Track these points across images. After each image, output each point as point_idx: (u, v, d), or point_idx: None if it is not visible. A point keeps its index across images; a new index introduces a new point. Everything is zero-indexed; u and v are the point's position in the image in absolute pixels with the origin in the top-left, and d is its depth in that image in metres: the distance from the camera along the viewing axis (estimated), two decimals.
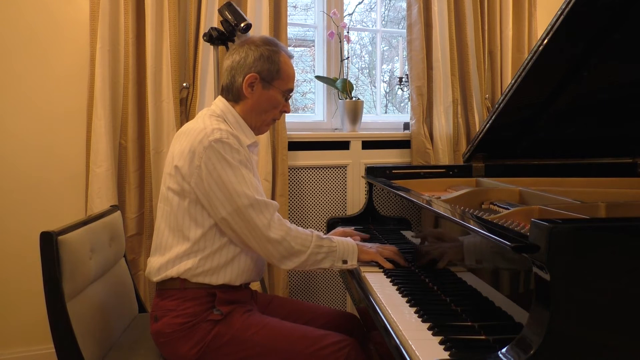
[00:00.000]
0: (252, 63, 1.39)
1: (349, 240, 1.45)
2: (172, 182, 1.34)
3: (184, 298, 1.33)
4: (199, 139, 1.29)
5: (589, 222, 0.97)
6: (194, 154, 1.29)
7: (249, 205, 1.28)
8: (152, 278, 1.38)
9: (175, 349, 1.32)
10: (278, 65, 1.40)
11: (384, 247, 1.51)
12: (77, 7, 2.17)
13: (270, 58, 1.39)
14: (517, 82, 1.65)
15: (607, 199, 1.37)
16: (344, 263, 1.41)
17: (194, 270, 1.33)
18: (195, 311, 1.32)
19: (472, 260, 1.16)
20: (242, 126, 1.43)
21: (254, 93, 1.41)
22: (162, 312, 1.34)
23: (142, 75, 2.17)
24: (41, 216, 2.16)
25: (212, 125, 1.33)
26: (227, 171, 1.28)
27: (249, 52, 1.39)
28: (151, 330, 1.37)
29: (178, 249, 1.34)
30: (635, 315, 0.82)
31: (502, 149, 2.05)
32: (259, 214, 1.29)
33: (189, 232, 1.33)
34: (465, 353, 0.92)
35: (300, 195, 2.48)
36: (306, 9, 3.00)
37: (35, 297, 1.62)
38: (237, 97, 1.42)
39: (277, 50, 1.41)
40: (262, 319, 1.37)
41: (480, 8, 2.68)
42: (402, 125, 2.75)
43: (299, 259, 1.34)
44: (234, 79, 1.41)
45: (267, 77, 1.40)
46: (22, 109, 2.13)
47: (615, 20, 1.45)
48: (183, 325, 1.30)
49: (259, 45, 1.41)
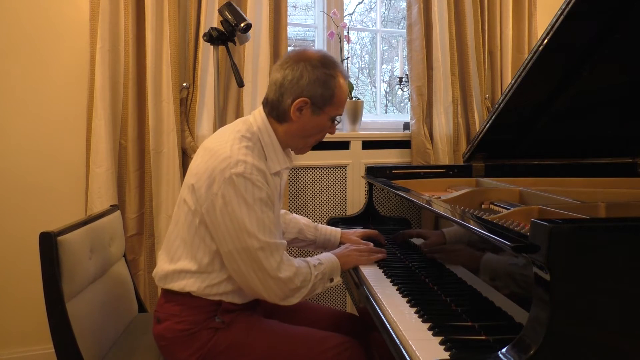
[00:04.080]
0: (305, 86, 1.28)
1: (332, 256, 1.44)
2: (189, 197, 1.29)
3: (188, 305, 1.31)
4: (221, 168, 1.22)
5: (589, 222, 0.97)
6: (213, 182, 1.22)
7: (259, 248, 1.23)
8: (158, 283, 1.37)
9: (175, 353, 1.31)
10: (333, 91, 1.30)
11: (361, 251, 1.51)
12: (77, 7, 2.17)
13: (326, 83, 1.29)
14: (517, 82, 1.65)
15: (607, 199, 1.36)
16: (331, 281, 1.40)
17: (198, 292, 1.31)
18: (197, 319, 1.30)
19: (472, 260, 1.16)
20: (276, 150, 1.34)
21: (302, 117, 1.31)
22: (165, 315, 1.33)
23: (142, 75, 2.17)
24: (41, 216, 2.16)
25: (239, 155, 1.24)
26: (242, 209, 1.21)
27: (305, 72, 1.28)
28: (153, 332, 1.36)
29: (185, 264, 1.31)
30: (635, 315, 0.81)
31: (502, 149, 2.05)
32: (269, 257, 1.24)
33: (197, 252, 1.29)
34: (466, 353, 0.92)
35: (300, 195, 2.48)
36: (306, 9, 3.00)
37: (35, 297, 1.62)
38: (282, 118, 1.32)
39: (334, 75, 1.30)
40: (262, 323, 1.36)
41: (480, 8, 2.68)
42: (402, 125, 2.75)
43: (301, 294, 1.31)
44: (282, 97, 1.30)
45: (319, 103, 1.30)
46: (23, 109, 2.13)
47: (615, 20, 1.45)
48: (183, 332, 1.30)
49: (316, 66, 1.28)
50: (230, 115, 2.30)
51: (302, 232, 1.69)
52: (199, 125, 2.25)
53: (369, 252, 1.52)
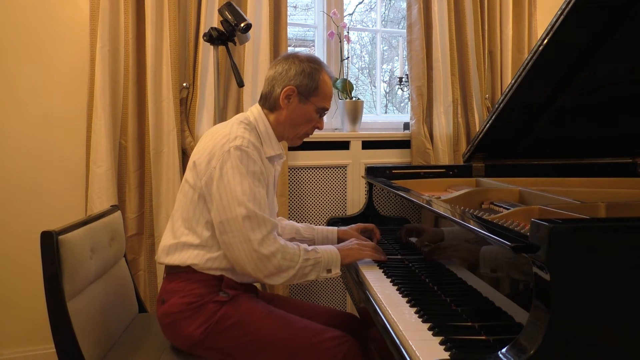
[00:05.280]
0: (292, 76, 1.42)
1: (332, 248, 1.45)
2: (190, 175, 1.39)
3: (192, 280, 1.36)
4: (221, 143, 1.34)
5: (589, 222, 0.97)
6: (213, 156, 1.33)
7: (246, 216, 1.29)
8: (161, 259, 1.41)
9: (181, 328, 1.34)
10: (317, 82, 1.44)
11: (364, 245, 1.52)
12: (77, 7, 2.17)
13: (311, 75, 1.43)
14: (517, 82, 1.65)
15: (607, 199, 1.36)
16: (328, 272, 1.41)
17: (200, 265, 1.36)
18: (202, 292, 1.35)
19: (472, 260, 1.16)
20: (270, 137, 1.46)
21: (290, 105, 1.44)
22: (169, 294, 1.37)
23: (142, 75, 2.17)
24: (41, 216, 2.16)
25: (237, 132, 1.36)
26: (236, 178, 1.31)
27: (292, 65, 1.43)
28: (158, 314, 1.39)
29: (187, 238, 1.38)
30: (635, 315, 0.82)
31: (502, 149, 2.05)
32: (255, 229, 1.30)
33: (197, 226, 1.37)
34: (466, 353, 0.92)
35: (300, 195, 2.48)
36: (306, 9, 3.00)
37: (36, 296, 1.62)
38: (273, 107, 1.46)
39: (319, 69, 1.45)
40: (267, 307, 1.39)
41: (480, 8, 2.68)
42: (402, 125, 2.75)
43: (287, 274, 1.34)
44: (273, 88, 1.45)
45: (305, 92, 1.43)
46: (23, 109, 2.13)
47: (615, 20, 1.45)
48: (190, 305, 1.33)
49: (303, 61, 1.44)
50: (230, 115, 2.30)
51: (299, 232, 1.71)
52: (199, 125, 2.25)
53: (372, 248, 1.53)
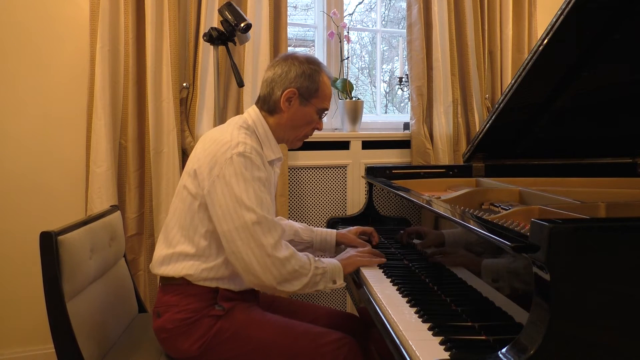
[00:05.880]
0: (293, 78, 1.40)
1: (333, 260, 1.45)
2: (189, 183, 1.35)
3: (186, 293, 1.34)
4: (223, 150, 1.30)
5: (589, 222, 0.97)
6: (215, 164, 1.29)
7: (256, 221, 1.26)
8: (155, 269, 1.39)
9: (177, 344, 1.32)
10: (318, 84, 1.42)
11: (362, 252, 1.52)
12: (77, 7, 2.17)
13: (311, 76, 1.41)
14: (517, 82, 1.65)
15: (607, 199, 1.36)
16: (334, 283, 1.40)
17: (195, 276, 1.33)
18: (197, 307, 1.33)
19: (472, 260, 1.16)
20: (270, 140, 1.44)
21: (291, 108, 1.42)
22: (164, 307, 1.35)
23: (142, 75, 2.17)
24: (41, 216, 2.16)
25: (239, 137, 1.33)
26: (241, 185, 1.27)
27: (292, 67, 1.41)
28: (153, 326, 1.37)
29: (183, 248, 1.35)
30: (635, 315, 0.82)
31: (502, 149, 2.05)
32: (266, 233, 1.27)
33: (195, 235, 1.34)
34: (466, 353, 0.92)
35: (300, 195, 2.48)
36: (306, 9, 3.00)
37: (35, 297, 1.62)
38: (273, 110, 1.43)
39: (318, 70, 1.43)
40: (263, 315, 1.38)
41: (480, 8, 2.68)
42: (402, 125, 2.75)
43: (300, 282, 1.31)
44: (273, 91, 1.42)
45: (306, 94, 1.41)
46: (23, 109, 2.13)
47: (615, 20, 1.45)
48: (185, 321, 1.31)
49: (302, 62, 1.42)
50: (230, 115, 2.30)
51: (298, 234, 1.71)
52: (199, 125, 2.25)
53: (370, 254, 1.52)
